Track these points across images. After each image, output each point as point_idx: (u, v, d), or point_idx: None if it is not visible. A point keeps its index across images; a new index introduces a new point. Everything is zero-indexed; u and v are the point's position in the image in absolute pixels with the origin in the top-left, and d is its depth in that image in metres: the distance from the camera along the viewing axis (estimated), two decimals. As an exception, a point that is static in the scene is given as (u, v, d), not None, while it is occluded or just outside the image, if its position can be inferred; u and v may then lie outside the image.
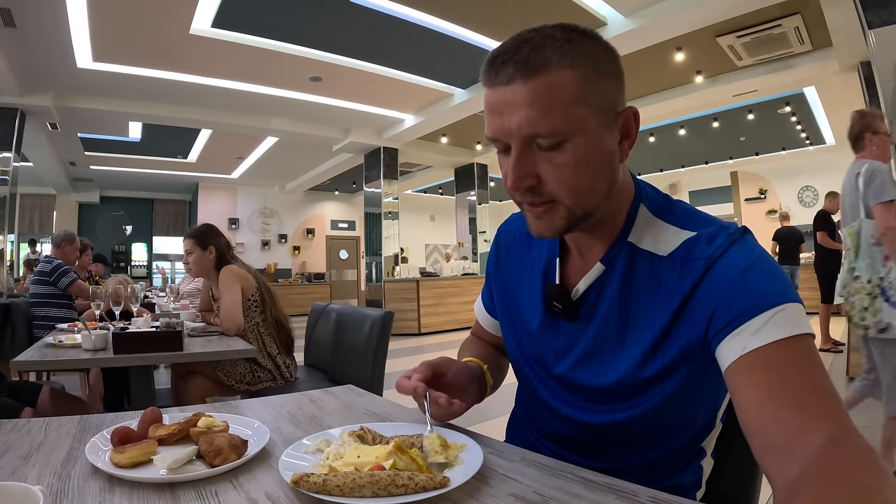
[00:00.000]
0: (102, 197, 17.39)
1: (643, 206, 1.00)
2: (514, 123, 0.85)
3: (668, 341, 0.91)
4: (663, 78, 9.19)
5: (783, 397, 0.73)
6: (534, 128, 0.84)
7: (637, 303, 0.95)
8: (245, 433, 1.03)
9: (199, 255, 3.42)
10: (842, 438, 0.67)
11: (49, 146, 11.54)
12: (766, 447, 0.73)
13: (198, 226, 3.53)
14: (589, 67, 0.85)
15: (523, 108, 0.84)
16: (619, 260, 0.98)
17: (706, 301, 0.86)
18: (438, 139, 12.77)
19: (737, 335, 0.80)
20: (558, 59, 0.83)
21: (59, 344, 2.77)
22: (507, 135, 0.87)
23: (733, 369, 0.79)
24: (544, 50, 0.83)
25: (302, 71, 8.49)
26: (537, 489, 0.80)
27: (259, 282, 3.43)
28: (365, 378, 2.84)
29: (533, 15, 6.72)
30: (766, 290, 0.81)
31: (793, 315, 0.79)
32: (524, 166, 0.87)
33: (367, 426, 0.93)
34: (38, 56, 7.36)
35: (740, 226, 0.93)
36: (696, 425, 1.01)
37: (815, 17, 6.69)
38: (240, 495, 0.79)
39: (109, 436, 0.98)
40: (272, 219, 18.49)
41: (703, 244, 0.90)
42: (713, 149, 14.29)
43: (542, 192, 0.89)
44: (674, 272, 0.91)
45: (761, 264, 0.85)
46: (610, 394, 0.98)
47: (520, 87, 0.84)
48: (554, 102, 0.83)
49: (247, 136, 12.06)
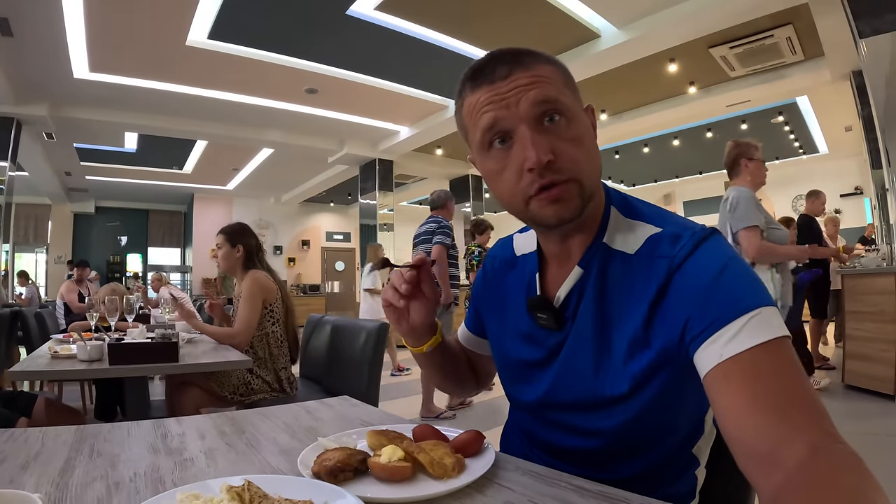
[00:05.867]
0: (98, 207, 17.37)
1: (613, 207, 1.02)
2: (522, 106, 0.90)
3: (644, 346, 0.91)
4: (657, 89, 9.26)
5: (764, 406, 0.73)
6: (545, 99, 0.90)
7: (611, 306, 0.96)
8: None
9: (227, 250, 3.46)
10: (824, 446, 0.68)
11: (45, 156, 11.53)
12: (749, 457, 0.73)
13: (234, 224, 3.59)
14: (562, 67, 0.97)
15: (531, 88, 0.90)
16: (595, 262, 0.99)
17: (679, 306, 0.86)
18: (433, 151, 12.81)
19: (713, 342, 0.79)
20: (543, 58, 0.95)
21: (55, 354, 2.76)
22: (516, 119, 0.91)
23: (712, 377, 0.79)
24: (528, 50, 0.94)
25: (297, 83, 8.53)
26: (532, 497, 0.81)
27: (282, 292, 3.46)
28: (360, 389, 2.83)
29: (527, 27, 6.77)
30: (739, 294, 0.81)
31: (768, 319, 0.78)
32: (541, 143, 0.89)
33: (252, 481, 0.77)
34: (34, 66, 7.39)
35: (708, 227, 0.94)
36: (683, 430, 1.01)
37: (806, 27, 6.76)
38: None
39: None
40: (267, 230, 18.43)
41: (666, 242, 0.91)
42: (707, 159, 14.34)
43: (560, 168, 0.91)
44: (641, 271, 0.92)
45: (732, 267, 0.85)
46: (595, 402, 0.98)
47: (521, 76, 0.91)
48: (552, 83, 0.92)
49: (242, 147, 12.09)
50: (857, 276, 5.56)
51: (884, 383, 5.01)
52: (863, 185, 13.65)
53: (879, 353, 5.08)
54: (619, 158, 13.60)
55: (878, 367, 5.10)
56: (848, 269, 5.76)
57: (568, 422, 1.04)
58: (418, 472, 0.89)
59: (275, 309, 3.37)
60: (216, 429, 1.22)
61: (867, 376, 5.25)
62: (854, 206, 14.13)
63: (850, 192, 14.26)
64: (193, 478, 0.90)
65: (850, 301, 5.55)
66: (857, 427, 4.06)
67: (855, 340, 5.47)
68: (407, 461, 0.88)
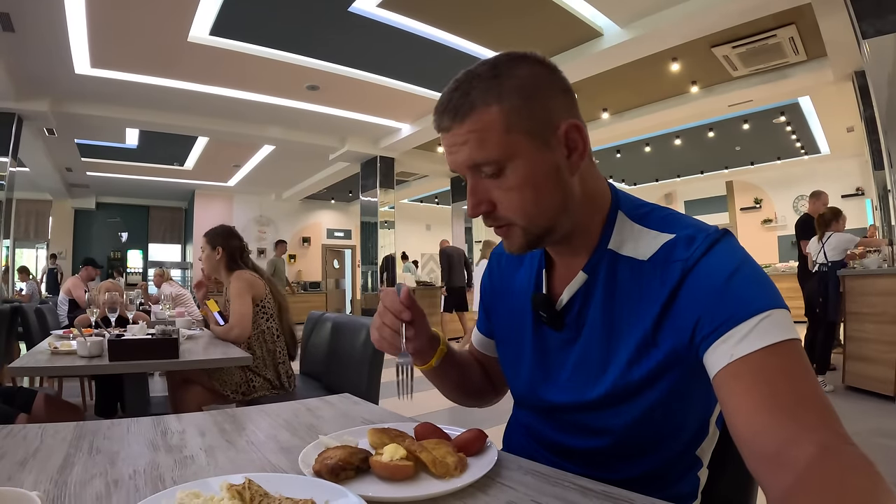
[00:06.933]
0: (98, 203, 17.37)
1: (621, 212, 1.01)
2: (460, 159, 0.95)
3: (653, 347, 0.92)
4: (659, 88, 9.25)
5: (773, 406, 0.73)
6: (473, 160, 0.93)
7: (621, 310, 0.96)
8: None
9: (208, 253, 3.49)
10: (834, 446, 0.67)
11: (46, 151, 11.52)
12: (758, 457, 0.72)
13: (217, 226, 3.61)
14: (515, 98, 0.91)
15: (462, 146, 0.93)
16: (601, 268, 0.99)
17: (690, 306, 0.86)
18: (434, 148, 12.80)
19: (723, 342, 0.79)
20: (483, 99, 0.91)
21: (55, 350, 2.76)
22: (459, 168, 0.96)
23: (721, 377, 0.79)
24: (470, 95, 0.92)
25: (299, 79, 8.52)
26: (535, 497, 0.80)
27: (271, 288, 3.46)
28: (361, 387, 2.83)
29: (528, 26, 6.77)
30: (751, 295, 0.81)
31: (779, 321, 0.78)
32: (477, 194, 0.96)
33: (253, 479, 0.78)
34: (36, 61, 7.37)
35: (721, 228, 0.93)
36: (688, 432, 1.01)
37: (809, 27, 6.75)
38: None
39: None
40: (268, 227, 18.45)
41: (681, 246, 0.91)
42: (709, 158, 14.35)
43: (497, 216, 0.97)
44: (655, 276, 0.92)
45: (745, 269, 0.85)
46: (600, 403, 0.98)
47: (456, 132, 0.93)
48: (485, 136, 0.91)
49: (243, 144, 12.09)
50: (858, 277, 5.56)
51: (884, 384, 5.01)
52: (864, 186, 13.66)
53: (880, 355, 5.08)
54: (621, 157, 13.59)
55: (878, 369, 5.10)
56: (849, 270, 5.76)
57: (574, 420, 1.05)
58: (420, 471, 0.89)
59: (266, 304, 3.38)
60: (216, 426, 1.22)
61: (867, 377, 5.26)
62: (855, 206, 14.11)
63: (852, 193, 14.26)
64: (193, 475, 0.90)
65: (851, 302, 5.55)
66: (858, 428, 4.06)
67: (855, 341, 5.47)
68: (409, 460, 0.88)
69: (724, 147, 13.18)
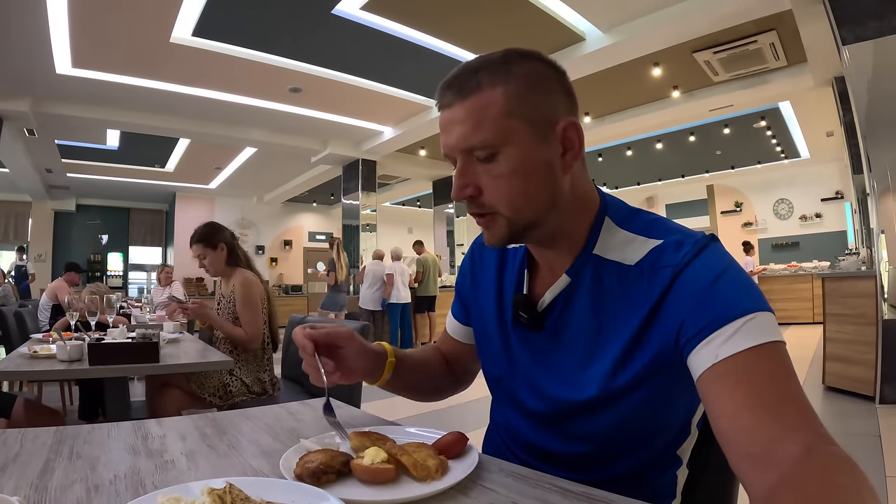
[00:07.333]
0: (79, 205, 17.21)
1: (608, 218, 1.01)
2: (454, 140, 0.94)
3: (638, 350, 0.92)
4: (641, 93, 9.32)
5: (757, 406, 0.73)
6: (469, 141, 0.92)
7: (607, 314, 0.97)
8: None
9: (212, 255, 3.40)
10: (818, 446, 0.68)
11: (26, 152, 11.38)
12: (742, 456, 0.73)
13: (201, 227, 3.48)
14: (521, 84, 0.92)
15: (460, 124, 0.93)
16: (586, 273, 0.99)
17: (676, 309, 0.87)
18: (417, 152, 12.81)
19: (708, 343, 0.80)
20: (490, 80, 0.92)
21: (34, 354, 2.73)
22: (452, 150, 0.96)
23: (706, 378, 0.80)
24: (478, 73, 0.92)
25: (282, 82, 8.50)
26: (515, 499, 0.81)
27: (267, 293, 3.45)
28: (343, 390, 2.82)
29: (512, 29, 6.79)
30: (736, 298, 0.82)
31: (764, 323, 0.79)
32: (464, 177, 0.95)
33: (234, 483, 0.78)
34: (16, 60, 7.29)
35: (708, 233, 0.94)
36: (669, 433, 1.02)
37: (790, 33, 6.83)
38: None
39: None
40: (250, 230, 18.36)
41: (669, 252, 0.91)
42: (690, 162, 14.47)
43: (482, 203, 0.96)
44: (642, 281, 0.92)
45: (731, 273, 0.86)
46: (583, 407, 0.98)
47: (457, 108, 0.93)
48: (484, 117, 0.91)
49: (225, 146, 12.04)
50: (837, 279, 5.62)
51: (864, 385, 5.05)
52: (844, 190, 13.84)
53: (859, 355, 5.13)
54: (603, 161, 13.66)
55: (857, 369, 5.15)
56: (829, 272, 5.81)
57: (554, 424, 1.05)
58: (401, 473, 0.89)
59: (262, 308, 3.36)
60: (197, 430, 1.21)
61: (847, 378, 5.30)
62: (835, 210, 14.32)
63: (831, 197, 14.46)
64: (174, 480, 0.89)
65: (831, 304, 5.61)
66: (838, 428, 4.10)
67: (835, 342, 5.52)
68: (390, 463, 0.88)
69: (704, 151, 13.29)
